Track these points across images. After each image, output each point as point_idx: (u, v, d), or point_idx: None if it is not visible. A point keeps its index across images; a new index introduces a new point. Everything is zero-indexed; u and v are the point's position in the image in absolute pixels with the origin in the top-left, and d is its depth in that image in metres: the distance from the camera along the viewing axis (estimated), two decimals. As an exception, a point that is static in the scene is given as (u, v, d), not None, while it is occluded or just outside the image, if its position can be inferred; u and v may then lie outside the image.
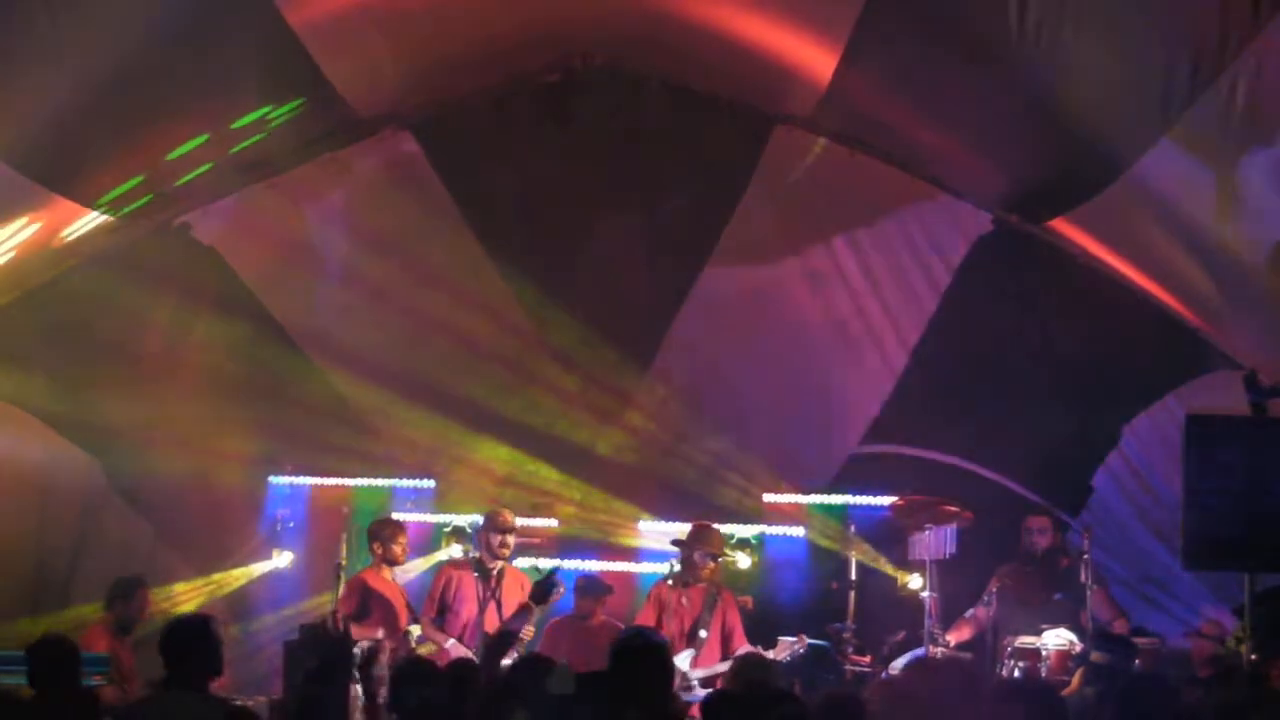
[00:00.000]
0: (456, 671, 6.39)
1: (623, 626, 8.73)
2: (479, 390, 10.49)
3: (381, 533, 9.31)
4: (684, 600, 9.04)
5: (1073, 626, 8.63)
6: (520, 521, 9.93)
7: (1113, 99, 7.33)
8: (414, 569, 9.77)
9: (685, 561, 9.15)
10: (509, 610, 8.97)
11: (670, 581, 9.17)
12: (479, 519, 9.40)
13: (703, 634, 8.94)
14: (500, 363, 10.50)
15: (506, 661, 8.61)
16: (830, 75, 8.65)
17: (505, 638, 8.24)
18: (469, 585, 9.11)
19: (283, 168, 9.83)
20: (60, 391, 9.78)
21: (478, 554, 9.17)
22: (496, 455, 10.56)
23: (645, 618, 8.99)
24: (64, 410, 9.84)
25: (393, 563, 9.30)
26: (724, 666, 8.78)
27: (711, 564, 9.12)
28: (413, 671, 5.94)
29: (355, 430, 10.55)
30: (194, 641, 5.58)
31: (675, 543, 9.31)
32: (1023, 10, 6.94)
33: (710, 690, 7.90)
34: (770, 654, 8.76)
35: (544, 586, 8.44)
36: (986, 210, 9.68)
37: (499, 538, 9.03)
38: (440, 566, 9.45)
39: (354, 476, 10.49)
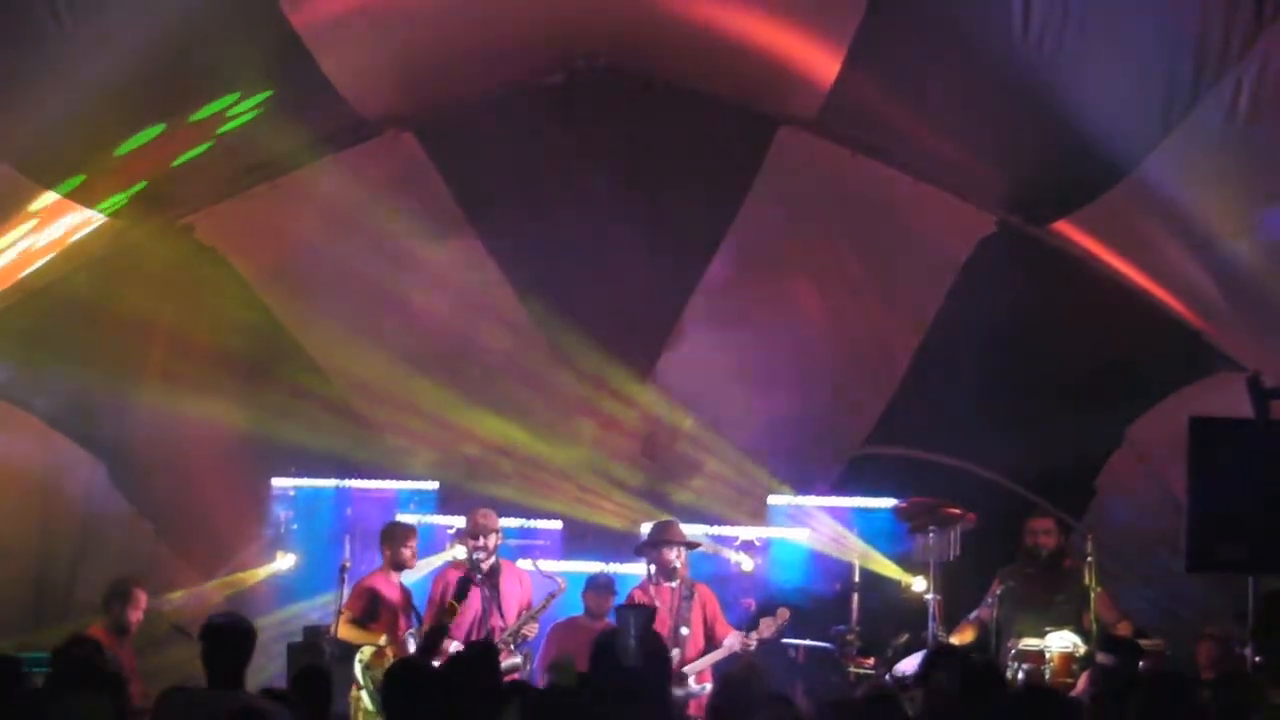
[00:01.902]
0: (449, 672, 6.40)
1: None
2: (481, 391, 10.50)
3: (392, 536, 9.32)
4: (658, 601, 9.04)
5: (1076, 629, 8.62)
6: (523, 522, 9.95)
7: (1116, 101, 7.33)
8: (419, 570, 9.75)
9: (654, 562, 9.15)
10: (508, 606, 8.98)
11: (643, 586, 9.19)
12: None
13: (684, 631, 8.95)
14: (503, 363, 10.50)
15: (515, 660, 8.70)
16: (834, 77, 8.65)
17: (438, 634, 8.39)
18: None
19: (285, 168, 9.83)
20: (63, 393, 9.78)
21: (478, 556, 9.17)
22: (499, 455, 10.56)
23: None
24: (67, 412, 9.84)
25: (401, 567, 9.30)
26: (710, 659, 8.80)
27: (684, 554, 9.12)
28: (402, 674, 5.92)
29: (358, 432, 10.55)
30: (238, 640, 5.67)
31: (639, 549, 9.32)
32: (1026, 13, 6.94)
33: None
34: (755, 635, 8.78)
35: None
36: (989, 212, 9.68)
37: (473, 541, 9.06)
38: (439, 570, 9.45)
39: (357, 478, 10.48)
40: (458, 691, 5.73)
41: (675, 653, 8.80)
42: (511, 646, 8.76)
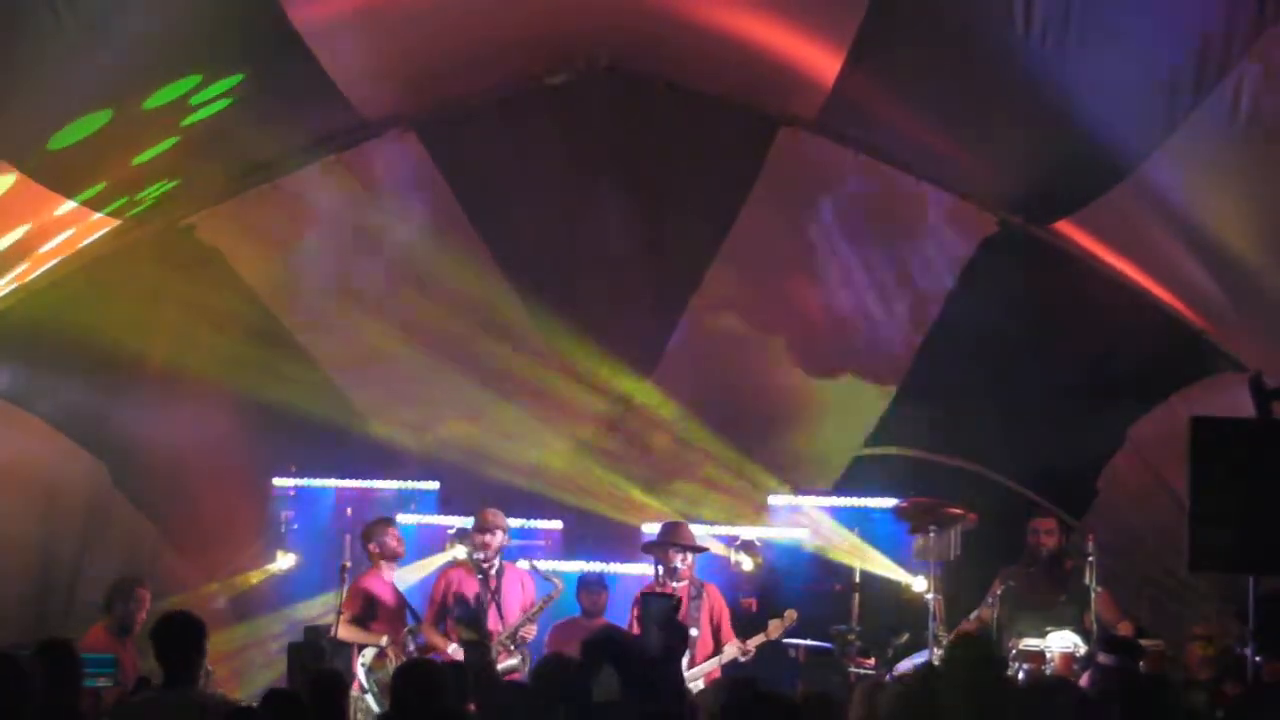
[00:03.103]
0: (454, 673, 6.40)
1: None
2: (481, 392, 10.50)
3: (373, 532, 9.32)
4: None
5: (1076, 628, 8.62)
6: (523, 522, 9.95)
7: (1118, 100, 7.33)
8: (419, 571, 9.75)
9: (660, 563, 9.13)
10: (509, 609, 8.97)
11: (649, 587, 9.18)
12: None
13: (693, 632, 8.91)
14: (504, 364, 10.50)
15: (513, 661, 8.69)
16: (835, 76, 8.65)
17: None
18: (470, 587, 9.11)
19: (287, 168, 9.84)
20: (65, 393, 9.78)
21: (479, 556, 9.17)
22: (498, 456, 10.55)
23: (630, 625, 9.00)
24: (69, 412, 9.84)
25: (393, 557, 9.30)
26: (715, 662, 8.80)
27: (689, 557, 9.10)
28: (414, 674, 5.91)
29: (358, 432, 10.55)
30: (188, 638, 5.60)
31: (646, 548, 9.30)
32: (1028, 12, 6.94)
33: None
34: (761, 638, 8.80)
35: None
36: (991, 212, 9.69)
37: (480, 537, 9.05)
38: (442, 570, 9.44)
39: (357, 478, 10.48)
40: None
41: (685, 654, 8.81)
42: (510, 647, 8.76)
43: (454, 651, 8.69)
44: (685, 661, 8.72)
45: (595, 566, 9.86)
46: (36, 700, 4.76)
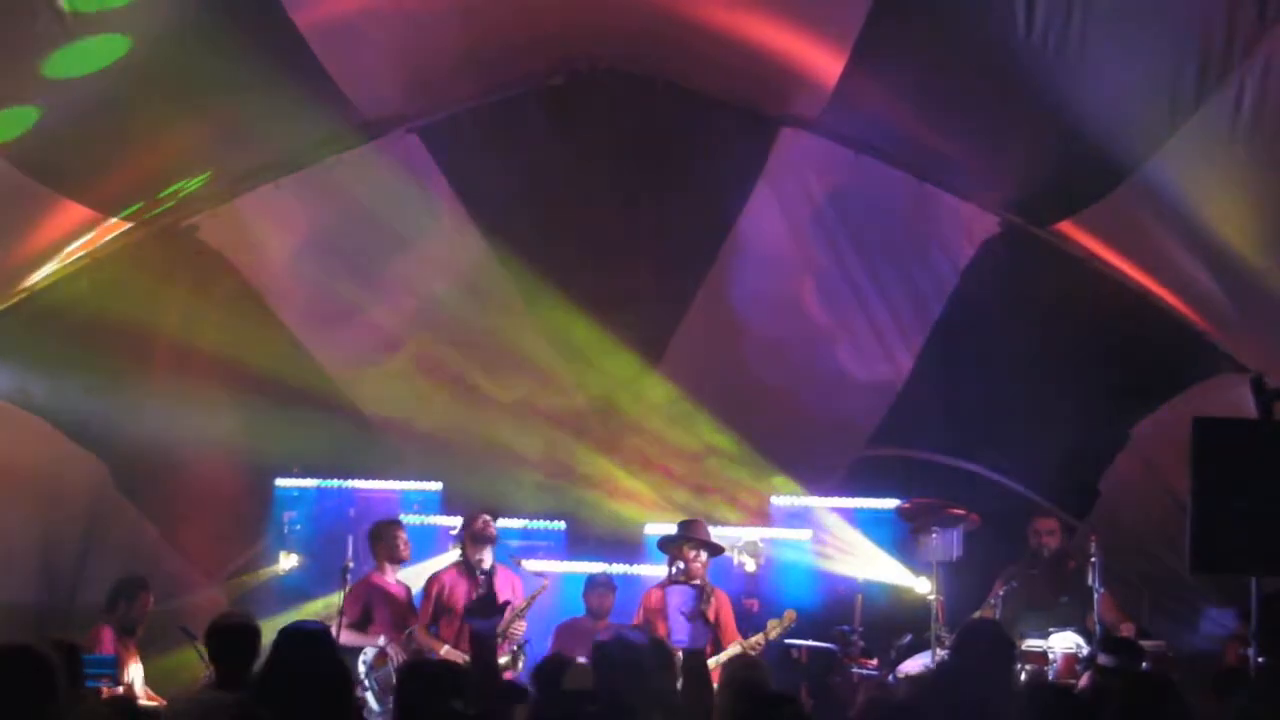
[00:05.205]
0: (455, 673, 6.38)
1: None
2: (484, 390, 10.51)
3: (383, 534, 9.32)
4: (670, 601, 9.01)
5: (1079, 629, 8.62)
6: (526, 523, 9.96)
7: (1120, 101, 7.33)
8: (422, 571, 9.74)
9: (675, 561, 9.12)
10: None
11: (661, 585, 9.17)
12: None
13: None
14: (506, 364, 10.51)
15: (502, 660, 8.69)
16: (837, 77, 8.66)
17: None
18: (462, 588, 9.10)
19: (289, 169, 9.84)
20: (66, 394, 9.77)
21: (468, 556, 9.14)
22: (502, 455, 10.56)
23: (637, 622, 9.00)
24: (71, 413, 9.83)
25: (399, 561, 9.29)
26: (715, 660, 8.81)
27: (704, 555, 9.08)
28: (416, 674, 5.90)
29: (361, 432, 10.56)
30: (244, 639, 5.64)
31: (661, 545, 9.29)
32: (1030, 12, 6.95)
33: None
34: (760, 638, 8.77)
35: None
36: (993, 212, 9.68)
37: (480, 522, 9.05)
38: (435, 573, 9.43)
39: (360, 479, 10.48)
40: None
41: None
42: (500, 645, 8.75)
43: (447, 653, 8.69)
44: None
45: (597, 567, 9.87)
46: (61, 699, 4.76)
